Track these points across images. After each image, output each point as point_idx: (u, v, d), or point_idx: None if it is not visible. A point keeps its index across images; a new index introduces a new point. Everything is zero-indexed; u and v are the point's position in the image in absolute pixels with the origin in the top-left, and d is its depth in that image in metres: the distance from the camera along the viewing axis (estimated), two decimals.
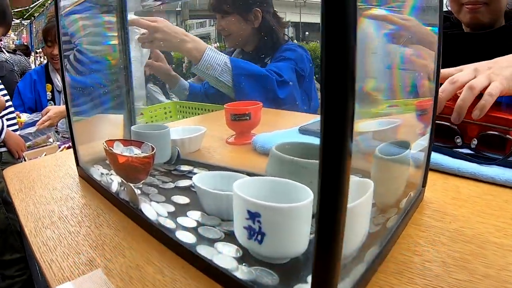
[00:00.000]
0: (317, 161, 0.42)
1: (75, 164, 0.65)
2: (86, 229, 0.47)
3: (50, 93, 1.87)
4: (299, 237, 0.34)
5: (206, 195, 0.44)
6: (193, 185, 0.50)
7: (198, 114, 1.38)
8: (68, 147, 1.29)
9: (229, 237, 0.40)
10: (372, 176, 0.33)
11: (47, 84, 1.88)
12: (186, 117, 1.40)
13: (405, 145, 0.41)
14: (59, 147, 1.31)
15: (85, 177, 0.62)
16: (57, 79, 1.90)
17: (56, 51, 1.78)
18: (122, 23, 0.65)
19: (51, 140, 1.43)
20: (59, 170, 0.69)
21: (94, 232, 0.46)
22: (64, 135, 1.54)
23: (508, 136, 0.57)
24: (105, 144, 0.54)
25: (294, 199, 0.35)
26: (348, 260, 0.29)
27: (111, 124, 0.71)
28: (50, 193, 0.58)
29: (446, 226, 0.44)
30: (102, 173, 0.59)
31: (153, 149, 0.51)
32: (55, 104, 1.80)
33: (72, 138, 0.64)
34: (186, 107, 1.46)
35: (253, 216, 0.33)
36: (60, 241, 0.45)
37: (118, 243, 0.43)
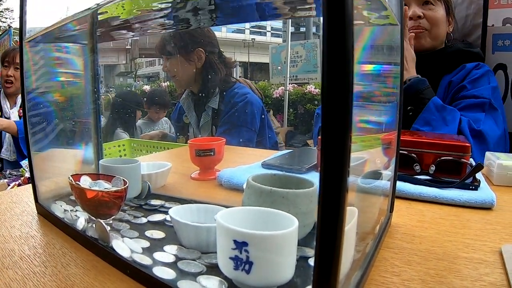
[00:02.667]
0: (297, 191, 0.43)
1: (32, 201, 0.61)
2: (52, 269, 0.44)
3: None
4: (286, 264, 0.34)
5: (185, 228, 0.43)
6: (168, 218, 0.49)
7: (152, 152, 1.37)
8: (19, 185, 1.21)
9: (211, 269, 0.39)
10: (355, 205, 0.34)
11: None
12: (140, 155, 1.38)
13: (378, 176, 0.43)
14: (9, 185, 1.22)
15: (45, 214, 0.58)
16: (6, 106, 1.83)
17: (10, 72, 1.76)
18: (93, 60, 0.64)
19: None
20: (15, 207, 0.64)
21: (61, 272, 0.43)
22: (12, 172, 1.45)
23: (463, 160, 0.62)
24: (71, 178, 0.51)
25: (278, 226, 0.36)
26: (340, 285, 0.30)
27: (74, 159, 0.68)
28: (8, 232, 0.54)
29: (417, 246, 0.46)
30: (65, 210, 0.56)
31: (125, 183, 0.49)
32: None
33: (31, 174, 0.60)
34: (140, 145, 1.44)
35: (240, 245, 0.33)
36: (24, 282, 0.41)
37: (90, 284, 0.41)
